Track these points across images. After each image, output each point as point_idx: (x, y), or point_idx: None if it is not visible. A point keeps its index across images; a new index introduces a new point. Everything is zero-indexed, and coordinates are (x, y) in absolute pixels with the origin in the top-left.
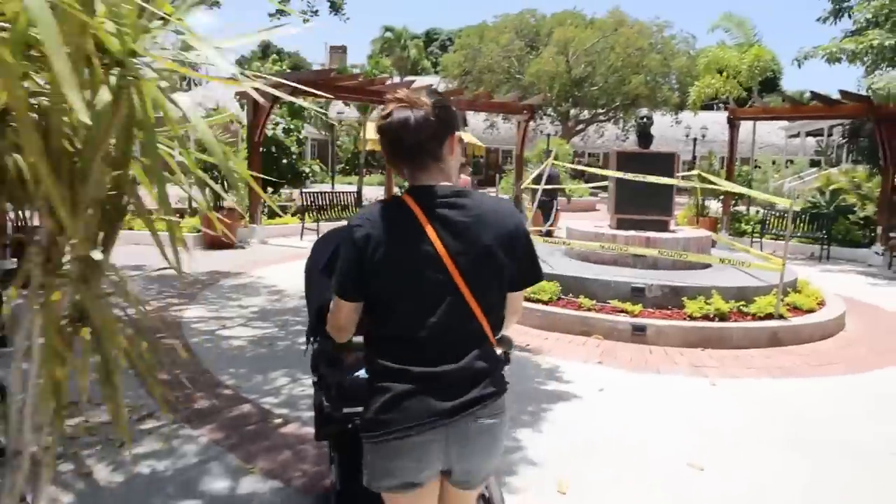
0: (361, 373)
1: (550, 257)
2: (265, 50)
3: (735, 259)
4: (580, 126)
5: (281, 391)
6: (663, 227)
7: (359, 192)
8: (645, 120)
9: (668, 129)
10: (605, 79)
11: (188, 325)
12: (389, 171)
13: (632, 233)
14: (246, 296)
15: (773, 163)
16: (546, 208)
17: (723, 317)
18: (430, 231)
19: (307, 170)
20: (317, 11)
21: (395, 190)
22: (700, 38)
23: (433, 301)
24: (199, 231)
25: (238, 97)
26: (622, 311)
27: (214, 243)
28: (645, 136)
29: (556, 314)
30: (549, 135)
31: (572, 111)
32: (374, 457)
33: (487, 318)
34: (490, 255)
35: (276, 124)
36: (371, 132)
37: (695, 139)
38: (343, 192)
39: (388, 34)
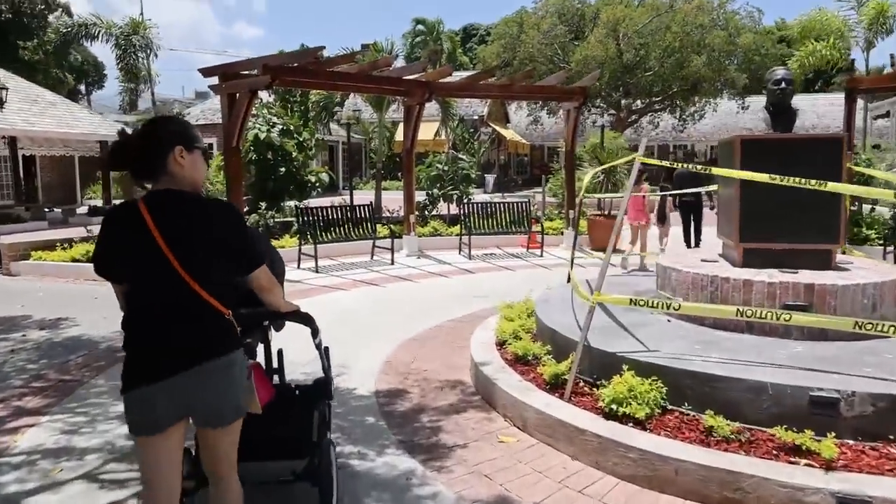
0: None
1: (642, 326)
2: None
3: None
4: (633, 117)
5: None
6: (824, 261)
7: (377, 202)
8: (783, 85)
9: (733, 116)
10: (661, 62)
11: None
12: (409, 176)
13: (775, 275)
14: None
15: (878, 147)
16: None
17: None
18: None
19: (313, 179)
20: None
21: (419, 196)
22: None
23: None
24: None
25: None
26: (799, 451)
27: None
28: (783, 113)
29: (665, 461)
30: (602, 126)
31: (623, 101)
32: None
33: None
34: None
35: (272, 125)
36: (401, 133)
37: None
38: (352, 206)
39: (420, 27)
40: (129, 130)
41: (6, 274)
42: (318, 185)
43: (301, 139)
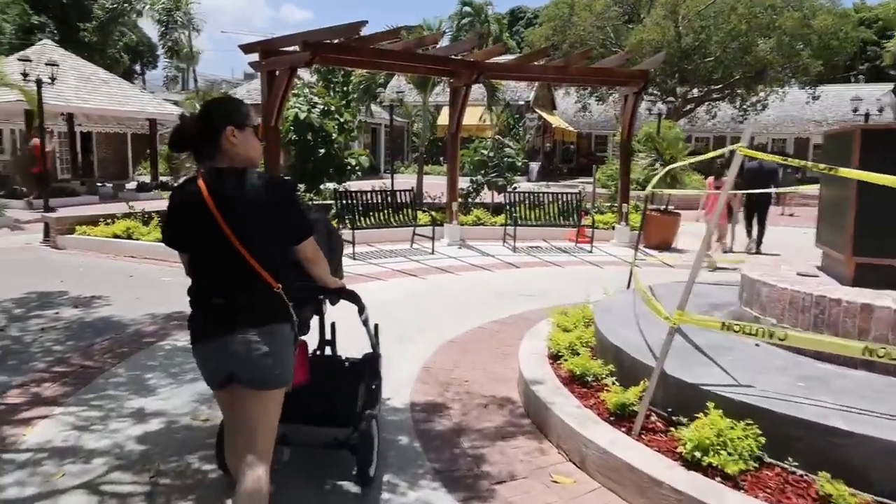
0: None
1: (725, 350)
2: None
3: None
4: (689, 106)
5: None
6: None
7: (419, 187)
8: None
9: (800, 108)
10: (723, 47)
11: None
12: (454, 161)
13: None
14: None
15: None
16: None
17: None
18: None
19: (353, 161)
20: None
21: (462, 182)
22: None
23: None
24: None
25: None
26: None
27: None
28: None
29: None
30: (660, 114)
31: (679, 88)
32: None
33: None
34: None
35: (313, 105)
36: (446, 116)
37: (866, 114)
38: (392, 190)
39: (467, 8)
40: (180, 110)
41: (53, 247)
42: (357, 167)
43: (342, 120)
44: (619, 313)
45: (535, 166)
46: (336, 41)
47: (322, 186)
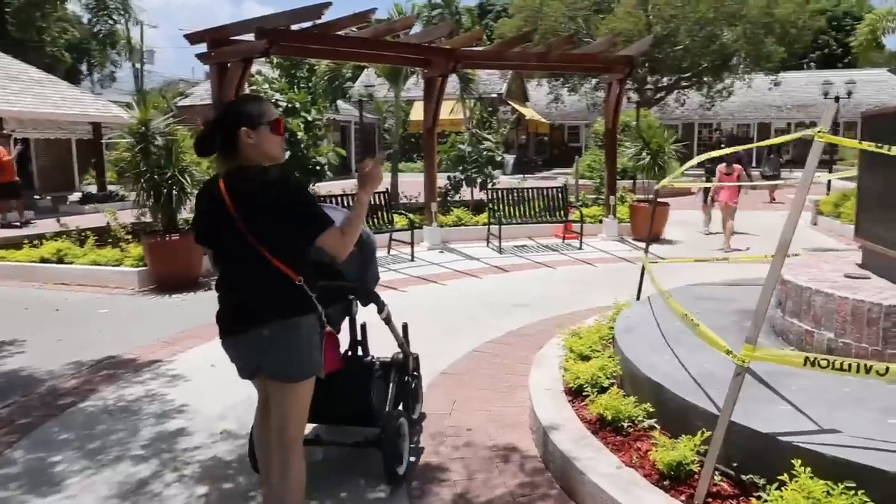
0: None
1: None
2: None
3: None
4: (659, 94)
5: None
6: None
7: (393, 188)
8: None
9: (762, 94)
10: (691, 36)
11: None
12: (431, 158)
13: None
14: (96, 453)
15: None
16: None
17: None
18: None
19: (322, 160)
20: None
21: (440, 179)
22: None
23: None
24: (144, 264)
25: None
26: None
27: (169, 281)
28: None
29: None
30: (636, 103)
31: (649, 77)
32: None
33: None
34: None
35: (275, 103)
36: (418, 111)
37: (837, 98)
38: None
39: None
40: (129, 113)
41: None
42: (327, 167)
43: (309, 118)
44: (644, 333)
45: (510, 159)
46: (296, 28)
47: None
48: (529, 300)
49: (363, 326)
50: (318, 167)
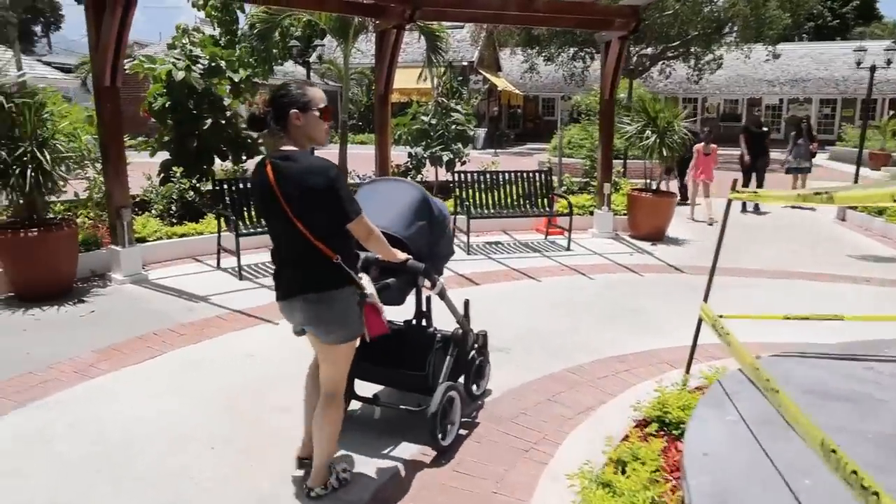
0: None
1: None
2: None
3: None
4: (642, 66)
5: None
6: None
7: (342, 162)
8: None
9: (753, 67)
10: (682, 0)
11: None
12: (383, 131)
13: None
14: None
15: None
16: None
17: None
18: None
19: (255, 134)
20: None
21: (399, 156)
22: None
23: None
24: None
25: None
26: None
27: (31, 288)
28: None
29: None
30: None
31: (633, 47)
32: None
33: None
34: None
35: (194, 60)
36: (399, 78)
37: (873, 67)
38: None
39: None
40: (64, 76)
41: None
42: (260, 140)
43: (237, 79)
44: (736, 476)
45: (481, 133)
46: None
47: (212, 168)
48: (507, 339)
49: (428, 299)
50: (248, 140)
